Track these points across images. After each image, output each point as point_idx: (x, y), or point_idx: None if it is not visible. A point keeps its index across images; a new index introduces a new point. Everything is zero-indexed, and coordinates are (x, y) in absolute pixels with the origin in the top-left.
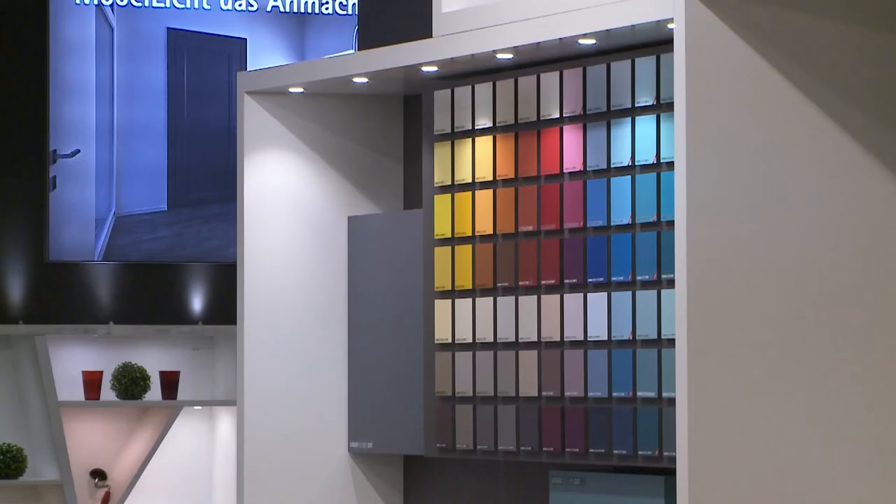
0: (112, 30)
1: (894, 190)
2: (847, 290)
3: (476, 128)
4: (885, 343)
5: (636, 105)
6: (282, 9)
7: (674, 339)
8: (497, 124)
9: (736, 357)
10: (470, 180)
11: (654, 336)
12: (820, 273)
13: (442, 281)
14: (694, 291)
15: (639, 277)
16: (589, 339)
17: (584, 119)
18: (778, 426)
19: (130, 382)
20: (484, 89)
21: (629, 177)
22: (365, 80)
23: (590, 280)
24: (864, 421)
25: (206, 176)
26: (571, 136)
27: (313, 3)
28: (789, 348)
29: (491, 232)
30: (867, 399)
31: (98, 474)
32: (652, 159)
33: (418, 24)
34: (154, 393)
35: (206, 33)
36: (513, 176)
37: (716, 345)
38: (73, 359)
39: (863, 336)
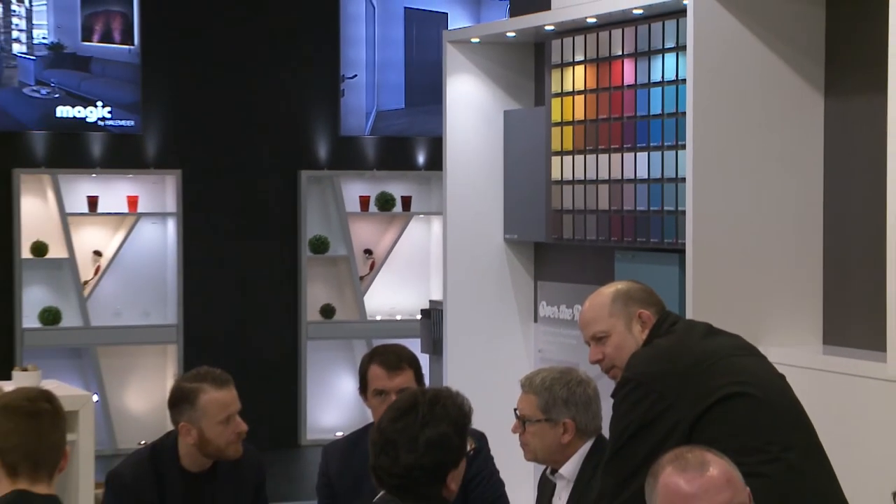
0: (374, 7)
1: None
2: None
3: (575, 61)
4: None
5: (665, 47)
6: None
7: (684, 178)
8: (587, 59)
9: (723, 190)
10: (571, 90)
11: (674, 176)
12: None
13: (556, 145)
14: (699, 148)
15: (666, 143)
16: (637, 178)
17: (635, 55)
18: (756, 222)
19: (385, 202)
20: (580, 39)
21: (660, 88)
22: (513, 34)
23: (638, 145)
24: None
25: (427, 88)
26: (628, 65)
27: None
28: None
29: (583, 118)
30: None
31: (367, 252)
32: (674, 77)
33: (544, 1)
34: (397, 207)
35: (426, 10)
36: (595, 87)
37: (712, 184)
38: (354, 188)
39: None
